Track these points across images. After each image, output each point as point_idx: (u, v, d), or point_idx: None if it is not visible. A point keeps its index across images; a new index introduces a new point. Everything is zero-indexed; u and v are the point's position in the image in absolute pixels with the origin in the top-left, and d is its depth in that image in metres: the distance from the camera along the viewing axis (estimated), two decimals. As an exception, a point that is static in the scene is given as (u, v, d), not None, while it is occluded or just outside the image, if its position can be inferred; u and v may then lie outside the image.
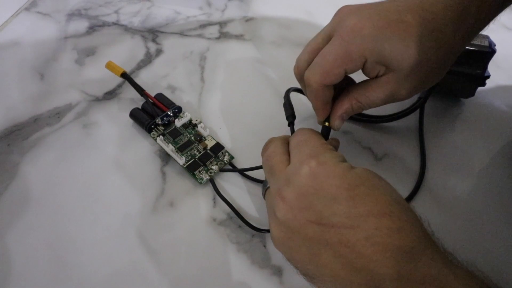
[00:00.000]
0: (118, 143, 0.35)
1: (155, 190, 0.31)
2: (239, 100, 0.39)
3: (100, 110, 0.37)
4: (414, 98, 0.37)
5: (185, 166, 0.32)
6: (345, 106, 0.29)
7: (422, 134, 0.35)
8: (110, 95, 0.39)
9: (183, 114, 0.35)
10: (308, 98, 0.29)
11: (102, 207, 0.31)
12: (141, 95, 0.36)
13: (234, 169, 0.33)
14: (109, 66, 0.38)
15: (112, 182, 0.32)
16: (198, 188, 0.32)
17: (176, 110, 0.35)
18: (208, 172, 0.32)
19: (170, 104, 0.36)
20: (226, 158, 0.33)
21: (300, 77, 0.29)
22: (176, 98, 0.38)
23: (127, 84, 0.40)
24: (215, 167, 0.32)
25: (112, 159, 0.33)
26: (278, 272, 0.27)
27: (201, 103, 0.38)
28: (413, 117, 0.36)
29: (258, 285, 0.27)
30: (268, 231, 0.29)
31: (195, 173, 0.31)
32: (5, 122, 0.36)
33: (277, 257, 0.28)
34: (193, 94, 0.39)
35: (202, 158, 0.32)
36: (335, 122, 0.29)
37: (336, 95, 0.29)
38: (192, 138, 0.34)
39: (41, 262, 0.28)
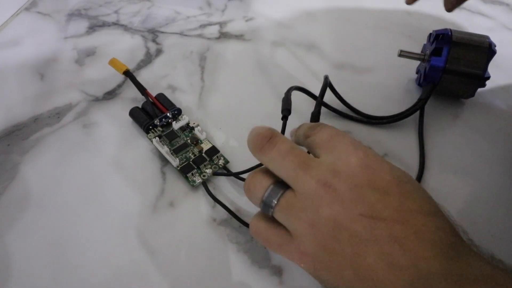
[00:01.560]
0: (118, 143, 0.35)
1: (155, 190, 0.31)
2: (239, 100, 0.39)
3: (100, 110, 0.37)
4: (414, 99, 0.37)
5: (178, 168, 0.32)
6: None
7: (422, 134, 0.35)
8: (110, 95, 0.39)
9: (182, 116, 0.35)
10: None
11: (102, 207, 0.31)
12: (142, 94, 0.36)
13: (227, 173, 0.32)
14: (113, 62, 0.38)
15: (112, 182, 0.32)
16: (198, 189, 0.32)
17: (176, 112, 0.35)
18: (201, 175, 0.32)
19: (170, 105, 0.36)
20: (221, 161, 0.33)
21: None
22: (176, 98, 0.38)
23: (127, 84, 0.40)
24: (208, 170, 0.32)
25: (112, 159, 0.33)
26: (278, 272, 0.27)
27: (201, 103, 0.38)
28: (413, 117, 0.36)
29: (258, 285, 0.27)
30: None
31: (188, 175, 0.31)
32: (5, 122, 0.36)
33: (277, 257, 0.28)
34: (193, 94, 0.39)
35: (196, 161, 0.32)
36: (447, 1, 0.31)
37: None
38: (189, 141, 0.34)
39: (41, 262, 0.28)
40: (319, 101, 0.32)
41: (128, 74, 0.37)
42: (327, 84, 0.33)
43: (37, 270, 0.27)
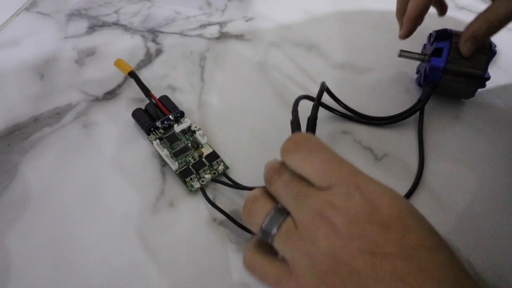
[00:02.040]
0: (118, 143, 0.35)
1: (155, 190, 0.31)
2: (239, 100, 0.39)
3: (100, 110, 0.37)
4: (414, 99, 0.37)
5: (177, 172, 0.32)
6: (472, 27, 0.31)
7: (421, 135, 0.35)
8: (110, 95, 0.39)
9: (184, 119, 0.35)
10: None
11: (102, 207, 0.31)
12: (146, 96, 0.36)
13: (226, 182, 0.31)
14: (118, 63, 0.38)
15: (112, 182, 0.32)
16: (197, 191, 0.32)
17: (178, 115, 0.35)
18: (200, 181, 0.31)
19: (173, 107, 0.36)
20: (221, 167, 0.32)
21: None
22: (176, 98, 0.38)
23: (127, 84, 0.40)
24: (207, 176, 0.32)
25: (112, 159, 0.33)
26: (278, 272, 0.27)
27: (201, 103, 0.38)
28: (413, 117, 0.36)
29: (258, 285, 0.27)
30: None
31: (186, 180, 0.31)
32: (5, 122, 0.36)
33: (277, 257, 0.28)
34: (193, 94, 0.39)
35: (195, 165, 0.32)
36: (464, 45, 0.32)
37: None
38: (189, 144, 0.34)
39: (41, 262, 0.28)
40: (315, 105, 0.31)
41: (133, 75, 0.37)
42: (323, 90, 0.33)
43: (37, 270, 0.27)
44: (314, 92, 0.38)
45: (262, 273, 0.22)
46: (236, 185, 0.31)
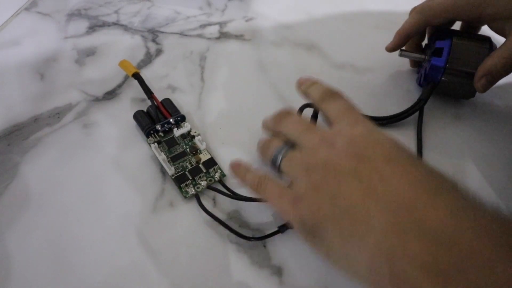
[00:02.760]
0: (118, 143, 0.35)
1: (155, 190, 0.31)
2: (239, 100, 0.39)
3: (100, 110, 0.37)
4: (414, 99, 0.37)
5: (173, 177, 0.31)
6: (488, 63, 0.32)
7: (420, 135, 0.35)
8: (110, 95, 0.39)
9: (184, 124, 0.35)
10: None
11: (102, 207, 0.31)
12: (149, 98, 0.36)
13: (221, 190, 0.31)
14: (123, 64, 0.38)
15: (112, 182, 0.32)
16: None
17: (179, 119, 0.35)
18: (195, 187, 0.31)
19: (174, 111, 0.36)
20: (217, 175, 0.32)
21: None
22: (176, 98, 0.38)
23: (127, 84, 0.40)
24: (203, 183, 0.31)
25: (112, 159, 0.33)
26: (278, 272, 0.27)
27: (201, 103, 0.38)
28: (413, 117, 0.36)
29: (258, 285, 0.27)
30: (261, 238, 0.28)
31: (181, 186, 0.31)
32: (5, 122, 0.36)
33: (277, 257, 0.28)
34: (193, 94, 0.39)
35: (192, 171, 0.32)
36: (478, 82, 0.32)
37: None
38: (188, 149, 0.33)
39: (41, 262, 0.28)
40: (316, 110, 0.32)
41: (137, 76, 0.37)
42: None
43: (37, 270, 0.27)
44: (314, 92, 0.38)
45: (269, 191, 0.26)
46: (231, 194, 0.31)
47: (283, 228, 0.28)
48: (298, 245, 0.28)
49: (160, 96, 0.37)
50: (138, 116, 0.35)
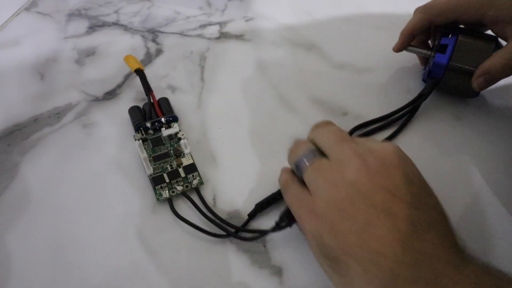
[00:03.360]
0: (118, 143, 0.35)
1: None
2: (239, 100, 0.39)
3: (100, 110, 0.37)
4: (414, 96, 0.37)
5: (150, 177, 0.31)
6: (487, 63, 0.32)
7: (402, 127, 0.36)
8: (110, 95, 0.39)
9: (173, 124, 0.34)
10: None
11: (102, 207, 0.31)
12: (146, 95, 0.35)
13: (192, 200, 0.30)
14: (127, 59, 0.37)
15: (112, 182, 0.32)
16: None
17: (170, 119, 0.35)
18: (170, 191, 0.30)
19: (168, 111, 0.35)
20: (195, 182, 0.31)
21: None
22: (176, 98, 0.38)
23: (127, 84, 0.40)
24: (179, 188, 0.30)
25: (112, 159, 0.33)
26: (278, 272, 0.27)
27: (201, 103, 0.38)
28: (413, 117, 0.36)
29: (258, 285, 0.27)
30: (228, 235, 0.28)
31: (156, 187, 0.30)
32: (5, 122, 0.36)
33: (277, 257, 0.28)
34: (193, 94, 0.39)
35: (170, 174, 0.31)
36: (475, 81, 0.33)
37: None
38: (171, 151, 0.33)
39: (41, 262, 0.28)
40: None
41: (139, 73, 0.36)
42: None
43: (37, 270, 0.27)
44: (313, 92, 0.38)
45: (289, 188, 0.26)
46: (199, 207, 0.30)
47: (276, 227, 0.28)
48: (298, 245, 0.28)
49: (160, 96, 0.37)
50: (132, 111, 0.35)
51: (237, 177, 0.33)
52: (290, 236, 0.28)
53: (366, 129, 0.36)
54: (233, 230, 0.29)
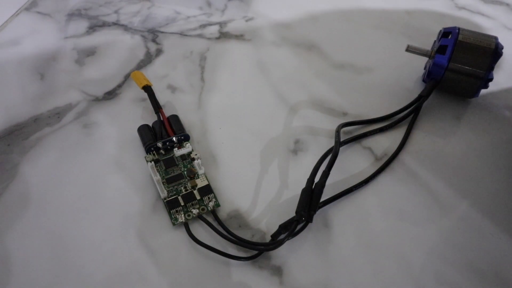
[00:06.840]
0: (118, 143, 0.35)
1: (155, 190, 0.31)
2: (239, 100, 0.39)
3: (100, 110, 0.37)
4: (414, 96, 0.37)
5: (165, 200, 0.30)
6: None
7: (409, 131, 0.35)
8: (110, 95, 0.39)
9: (186, 144, 0.33)
10: None
11: (102, 207, 0.31)
12: (156, 113, 0.35)
13: (211, 224, 0.29)
14: (135, 75, 0.37)
15: (112, 182, 0.32)
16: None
17: (182, 138, 0.34)
18: (186, 215, 0.29)
19: (179, 129, 0.34)
20: (211, 204, 0.30)
21: None
22: (176, 98, 0.38)
23: (127, 84, 0.40)
24: (195, 211, 0.29)
25: (112, 159, 0.33)
26: (278, 272, 0.27)
27: (201, 103, 0.38)
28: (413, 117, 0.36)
29: (258, 285, 0.27)
30: (258, 254, 0.28)
31: (171, 211, 0.30)
32: (5, 122, 0.36)
33: (277, 257, 0.28)
34: (193, 94, 0.39)
35: (185, 197, 0.30)
36: None
37: None
38: (185, 173, 0.32)
39: (41, 262, 0.28)
40: (325, 172, 0.30)
41: (147, 89, 0.36)
42: (336, 156, 0.31)
43: (37, 270, 0.27)
44: (313, 92, 0.38)
45: None
46: (219, 230, 0.29)
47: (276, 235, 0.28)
48: (298, 245, 0.28)
49: (160, 96, 0.37)
50: (141, 131, 0.34)
51: (237, 177, 0.33)
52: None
53: (367, 129, 0.36)
54: (260, 246, 0.28)
